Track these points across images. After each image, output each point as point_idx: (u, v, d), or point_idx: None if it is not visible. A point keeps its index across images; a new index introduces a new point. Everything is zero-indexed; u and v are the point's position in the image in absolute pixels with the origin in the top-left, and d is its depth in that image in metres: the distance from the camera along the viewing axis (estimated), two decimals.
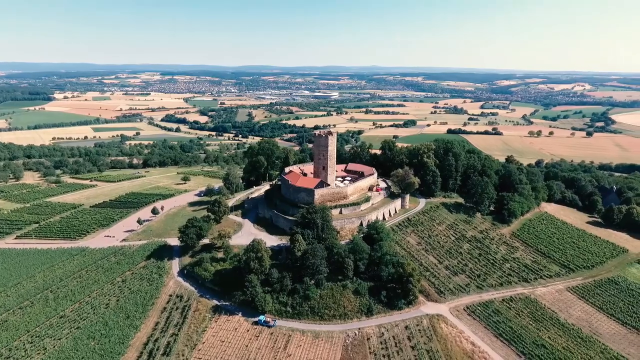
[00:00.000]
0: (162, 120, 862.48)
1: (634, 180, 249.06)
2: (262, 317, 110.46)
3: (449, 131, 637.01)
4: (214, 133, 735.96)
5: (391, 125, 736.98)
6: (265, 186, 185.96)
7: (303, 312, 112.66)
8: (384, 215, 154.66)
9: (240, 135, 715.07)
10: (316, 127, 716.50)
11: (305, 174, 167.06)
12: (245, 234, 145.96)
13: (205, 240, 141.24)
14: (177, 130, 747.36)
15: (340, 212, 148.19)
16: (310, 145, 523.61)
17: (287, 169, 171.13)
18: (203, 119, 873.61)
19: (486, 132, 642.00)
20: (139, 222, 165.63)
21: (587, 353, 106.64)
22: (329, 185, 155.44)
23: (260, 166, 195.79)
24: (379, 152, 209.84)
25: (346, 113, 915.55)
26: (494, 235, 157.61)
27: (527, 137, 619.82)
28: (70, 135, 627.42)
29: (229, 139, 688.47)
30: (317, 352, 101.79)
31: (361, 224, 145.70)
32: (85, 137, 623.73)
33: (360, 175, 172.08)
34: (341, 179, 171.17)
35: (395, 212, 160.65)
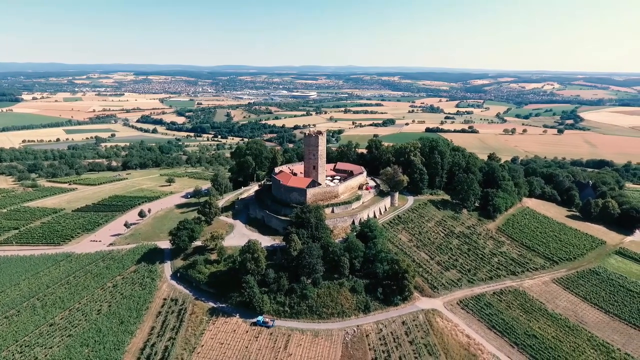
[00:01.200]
0: (137, 121, 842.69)
1: (606, 175, 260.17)
2: (260, 318, 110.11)
3: (427, 130, 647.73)
4: (192, 134, 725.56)
5: (371, 125, 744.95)
6: (254, 186, 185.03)
7: (301, 312, 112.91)
8: (374, 213, 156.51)
9: (219, 136, 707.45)
10: (296, 127, 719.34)
11: (295, 174, 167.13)
12: (237, 235, 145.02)
13: (198, 243, 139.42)
14: (154, 131, 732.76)
15: (332, 211, 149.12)
16: (291, 145, 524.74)
17: (277, 169, 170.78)
18: (180, 120, 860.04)
19: (463, 131, 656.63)
20: (126, 225, 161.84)
21: (575, 341, 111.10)
22: (320, 184, 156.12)
23: (248, 166, 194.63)
24: (364, 151, 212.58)
25: (325, 113, 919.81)
26: (480, 230, 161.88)
27: (502, 135, 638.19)
28: (42, 138, 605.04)
29: (208, 139, 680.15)
30: (317, 351, 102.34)
31: (353, 222, 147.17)
32: (58, 140, 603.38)
33: (350, 174, 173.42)
34: (330, 178, 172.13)
35: (385, 209, 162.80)
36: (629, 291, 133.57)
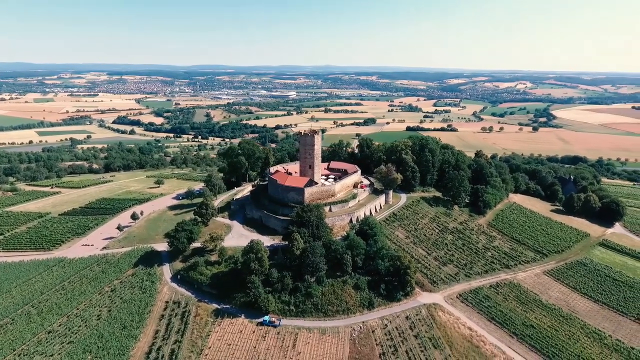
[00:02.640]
0: (114, 122, 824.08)
1: (584, 171, 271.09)
2: (267, 318, 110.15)
3: (408, 128, 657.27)
4: (171, 134, 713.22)
5: (352, 124, 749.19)
6: (248, 187, 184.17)
7: (307, 310, 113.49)
8: (370, 211, 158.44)
9: (199, 137, 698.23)
10: (278, 127, 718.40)
11: (290, 173, 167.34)
12: (235, 235, 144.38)
13: (196, 244, 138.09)
14: (132, 132, 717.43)
15: (330, 210, 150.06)
16: (274, 145, 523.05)
17: (272, 169, 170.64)
18: (158, 120, 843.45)
19: (443, 129, 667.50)
20: (119, 228, 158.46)
21: (569, 330, 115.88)
22: (316, 183, 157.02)
23: (241, 167, 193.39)
24: (355, 149, 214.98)
25: (306, 112, 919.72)
26: (472, 226, 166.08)
27: (480, 133, 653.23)
28: (13, 140, 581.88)
29: (188, 140, 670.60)
30: (326, 348, 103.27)
31: (351, 220, 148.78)
32: (31, 142, 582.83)
33: (344, 173, 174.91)
34: (325, 177, 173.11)
35: (381, 207, 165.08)
36: (615, 280, 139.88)
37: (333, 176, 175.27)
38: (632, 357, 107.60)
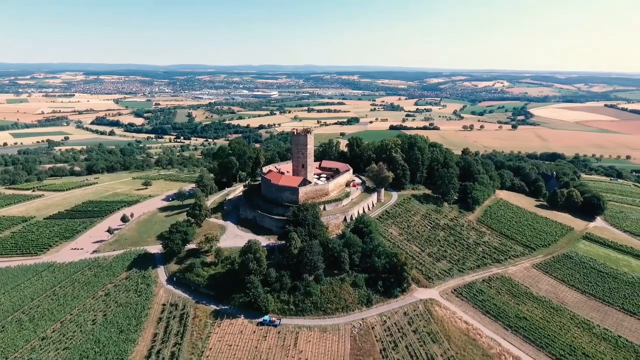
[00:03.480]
0: (92, 123, 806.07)
1: (565, 167, 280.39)
2: (267, 317, 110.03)
3: (391, 127, 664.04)
4: (152, 135, 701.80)
5: (335, 123, 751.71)
6: (239, 187, 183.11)
7: (306, 309, 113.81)
8: (364, 209, 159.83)
9: (182, 137, 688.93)
10: (261, 127, 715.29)
11: (282, 173, 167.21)
12: (230, 236, 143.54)
13: (191, 246, 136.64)
14: (111, 133, 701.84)
15: (324, 209, 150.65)
16: (258, 145, 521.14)
17: (265, 169, 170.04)
18: (139, 121, 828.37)
19: (425, 128, 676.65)
20: (110, 231, 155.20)
21: (560, 321, 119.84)
22: (310, 182, 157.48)
23: (232, 167, 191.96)
24: (345, 149, 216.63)
25: (289, 112, 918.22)
26: (462, 222, 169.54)
27: (461, 131, 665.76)
28: None
29: (170, 141, 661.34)
30: (327, 346, 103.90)
31: (345, 219, 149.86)
32: (5, 144, 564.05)
33: (336, 172, 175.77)
34: (317, 177, 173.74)
35: (373, 205, 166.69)
36: (600, 272, 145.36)
37: (325, 175, 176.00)
38: (620, 345, 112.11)
